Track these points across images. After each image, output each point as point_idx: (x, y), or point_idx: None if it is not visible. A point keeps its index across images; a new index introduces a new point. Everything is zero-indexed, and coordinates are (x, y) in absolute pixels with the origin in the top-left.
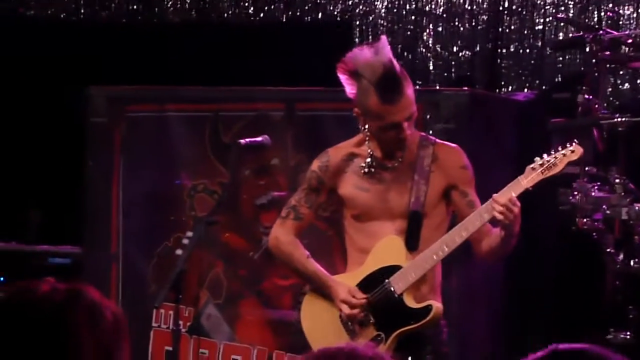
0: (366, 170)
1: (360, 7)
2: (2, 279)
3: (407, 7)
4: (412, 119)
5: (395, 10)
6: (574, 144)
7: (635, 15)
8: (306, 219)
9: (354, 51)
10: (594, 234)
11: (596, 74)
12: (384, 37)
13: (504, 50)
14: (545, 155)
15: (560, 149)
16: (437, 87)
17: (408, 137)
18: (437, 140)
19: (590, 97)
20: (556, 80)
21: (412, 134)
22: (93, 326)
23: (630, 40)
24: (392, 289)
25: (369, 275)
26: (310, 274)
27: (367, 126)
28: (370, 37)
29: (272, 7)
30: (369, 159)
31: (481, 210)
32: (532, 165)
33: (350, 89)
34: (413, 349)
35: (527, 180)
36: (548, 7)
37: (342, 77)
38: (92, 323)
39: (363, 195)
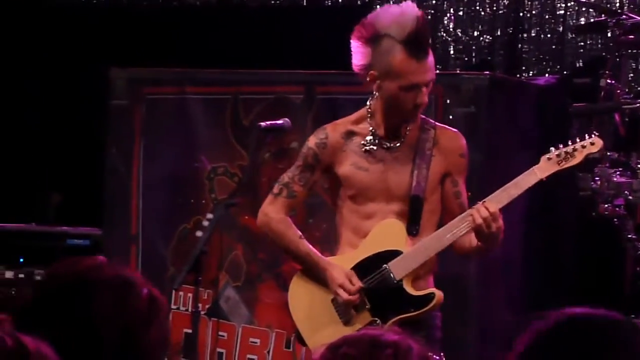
0: (367, 148)
1: None
2: (21, 260)
3: None
4: (430, 87)
5: None
6: (594, 135)
7: None
8: (299, 197)
9: (376, 12)
10: (615, 219)
11: (618, 59)
12: (409, 1)
13: (525, 35)
14: (562, 146)
15: (578, 139)
16: (457, 71)
17: (424, 106)
18: (437, 124)
19: (612, 81)
20: (577, 65)
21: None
22: (120, 305)
23: None
24: (391, 274)
25: (366, 259)
26: (303, 255)
27: (376, 95)
28: None
29: None
30: (370, 137)
31: (474, 208)
32: (547, 155)
33: (361, 57)
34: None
35: (541, 170)
36: None
37: (356, 44)
38: (121, 301)
39: (361, 175)
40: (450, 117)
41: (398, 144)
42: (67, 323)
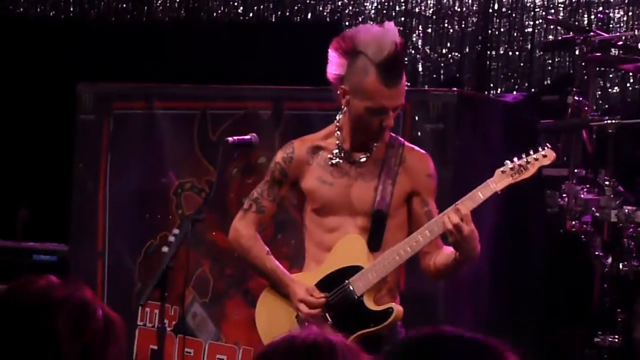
0: (333, 161)
1: (350, 7)
2: None
3: (397, 8)
4: (398, 111)
5: (384, 11)
6: (546, 147)
7: (625, 18)
8: (268, 212)
9: (357, 28)
10: (583, 236)
11: (585, 76)
12: (392, 23)
13: (493, 52)
14: (516, 159)
15: (532, 152)
16: (426, 88)
17: (389, 128)
18: (407, 143)
19: (580, 99)
20: (545, 82)
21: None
22: (81, 325)
23: (620, 43)
24: (352, 289)
25: (329, 275)
26: (268, 271)
27: (344, 109)
28: None
29: (262, 6)
30: (336, 150)
31: (443, 216)
32: (502, 169)
33: (336, 68)
34: (370, 350)
35: (496, 184)
36: (538, 9)
37: (333, 54)
38: (81, 322)
39: (325, 189)
40: (419, 133)
41: (364, 159)
42: (29, 341)
